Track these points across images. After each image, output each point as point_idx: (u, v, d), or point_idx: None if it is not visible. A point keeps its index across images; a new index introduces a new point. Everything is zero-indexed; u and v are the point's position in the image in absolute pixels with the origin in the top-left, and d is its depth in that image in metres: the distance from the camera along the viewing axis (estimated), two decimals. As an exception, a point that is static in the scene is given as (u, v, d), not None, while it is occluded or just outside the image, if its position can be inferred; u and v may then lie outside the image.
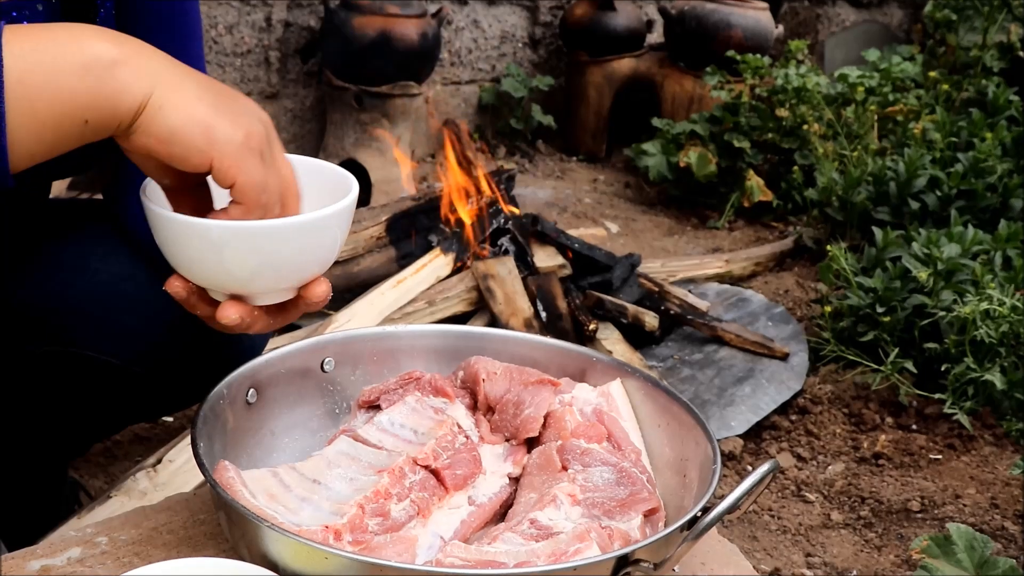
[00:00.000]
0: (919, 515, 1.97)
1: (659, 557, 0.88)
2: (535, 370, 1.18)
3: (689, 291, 2.76)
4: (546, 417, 1.13)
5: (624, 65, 4.16)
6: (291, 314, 1.01)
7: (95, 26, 0.86)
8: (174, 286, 0.96)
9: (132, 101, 0.83)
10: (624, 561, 0.86)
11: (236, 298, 0.96)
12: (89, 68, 0.81)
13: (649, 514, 1.01)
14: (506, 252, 2.58)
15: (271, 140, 0.91)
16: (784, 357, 2.46)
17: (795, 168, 3.40)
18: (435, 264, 2.46)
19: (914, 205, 2.81)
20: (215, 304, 0.97)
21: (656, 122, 3.83)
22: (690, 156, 3.57)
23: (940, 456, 2.16)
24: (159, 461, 1.69)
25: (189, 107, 0.84)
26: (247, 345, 1.34)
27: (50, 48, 0.81)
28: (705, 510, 0.91)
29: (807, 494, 2.04)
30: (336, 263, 2.51)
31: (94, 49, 0.82)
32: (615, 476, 1.04)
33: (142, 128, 0.84)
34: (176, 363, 1.31)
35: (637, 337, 2.47)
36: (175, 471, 1.66)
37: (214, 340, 1.28)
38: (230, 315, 0.95)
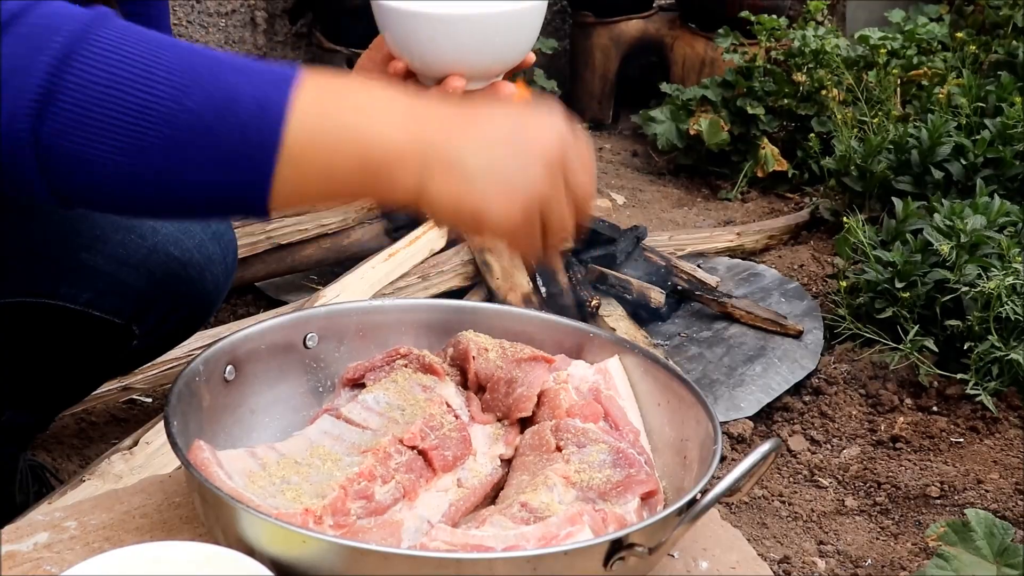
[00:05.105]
0: (938, 501, 1.97)
1: (654, 541, 0.88)
2: (529, 346, 1.18)
3: (698, 265, 2.76)
4: (540, 395, 1.13)
5: (632, 27, 4.14)
6: None
7: (387, 91, 0.89)
8: (397, 67, 1.12)
9: (403, 195, 0.86)
10: (617, 545, 0.87)
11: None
12: (364, 166, 0.85)
13: (647, 497, 1.01)
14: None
15: (555, 184, 0.90)
16: (798, 335, 2.46)
17: (812, 136, 3.38)
18: (429, 236, 2.46)
19: (937, 174, 2.80)
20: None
21: (665, 87, 3.81)
22: (701, 123, 3.55)
23: (962, 439, 2.16)
24: (135, 443, 1.69)
25: (457, 194, 0.86)
26: (211, 285, 1.36)
27: (334, 127, 0.84)
28: (704, 492, 0.91)
29: (820, 479, 2.05)
30: (325, 235, 2.53)
31: (375, 141, 0.85)
32: (612, 457, 1.04)
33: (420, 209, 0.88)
34: (138, 301, 1.32)
35: (642, 314, 2.47)
36: (152, 453, 1.67)
37: (178, 276, 1.30)
38: (456, 83, 1.08)
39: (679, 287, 2.58)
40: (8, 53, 0.77)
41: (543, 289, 2.39)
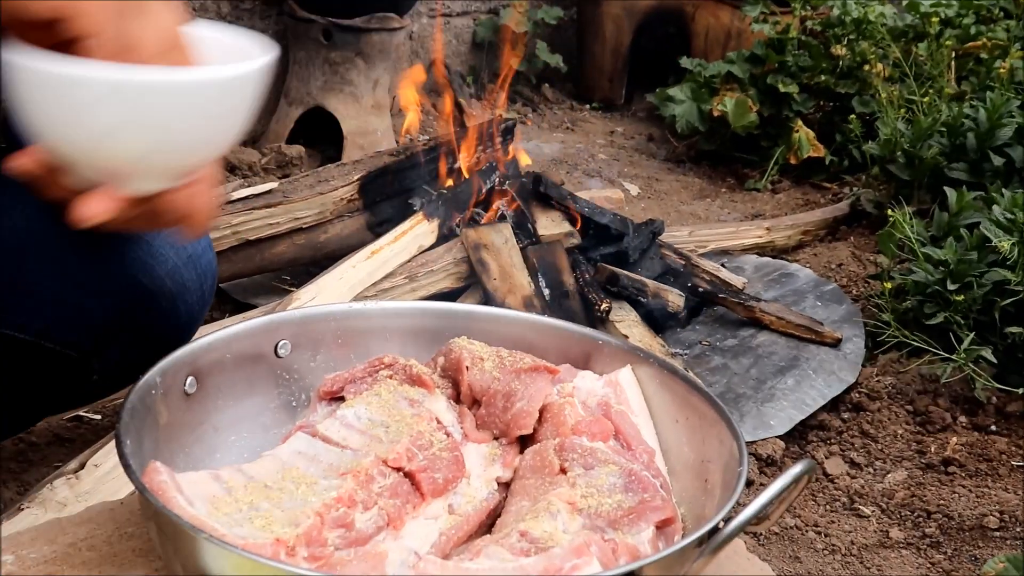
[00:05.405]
0: (997, 533, 1.98)
1: (671, 575, 0.89)
2: (529, 355, 1.19)
3: (722, 264, 2.77)
4: (542, 411, 1.14)
5: (648, -7, 4.15)
6: (162, 218, 1.02)
7: None
8: (22, 162, 0.93)
9: None
10: (630, 579, 0.87)
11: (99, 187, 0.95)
12: None
13: (663, 525, 1.01)
14: (503, 218, 2.58)
15: None
16: (835, 343, 2.47)
17: (852, 117, 3.39)
18: (417, 231, 2.47)
19: (997, 160, 2.81)
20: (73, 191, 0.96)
21: (685, 62, 3.82)
22: (726, 103, 3.56)
23: None
24: (82, 466, 1.69)
25: None
26: (185, 317, 1.35)
27: None
28: (727, 520, 0.92)
29: (861, 507, 2.05)
30: (299, 230, 2.53)
31: None
32: (623, 480, 1.05)
33: None
34: (99, 334, 1.32)
35: (658, 319, 2.48)
36: (101, 478, 1.67)
37: (146, 308, 1.29)
38: (95, 208, 0.93)
39: (700, 289, 2.59)
40: None
41: (546, 291, 2.39)
